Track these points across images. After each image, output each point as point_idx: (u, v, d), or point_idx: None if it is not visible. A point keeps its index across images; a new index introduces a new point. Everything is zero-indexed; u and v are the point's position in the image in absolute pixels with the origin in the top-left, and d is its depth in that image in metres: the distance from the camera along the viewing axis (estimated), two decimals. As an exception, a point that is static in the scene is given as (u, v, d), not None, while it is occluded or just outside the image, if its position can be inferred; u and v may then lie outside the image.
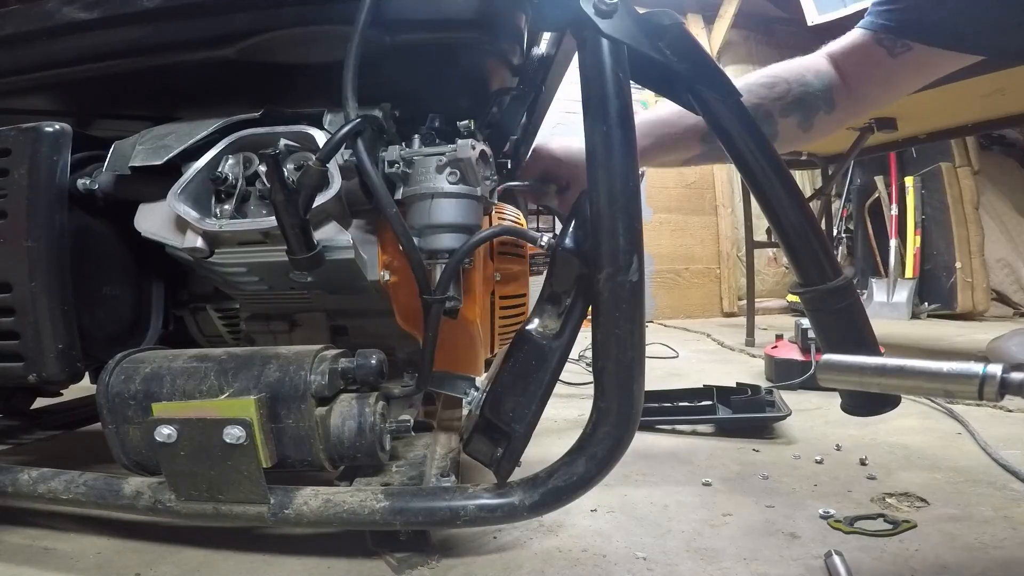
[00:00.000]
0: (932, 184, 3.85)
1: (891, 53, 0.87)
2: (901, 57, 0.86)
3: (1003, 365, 0.44)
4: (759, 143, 0.70)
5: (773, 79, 0.93)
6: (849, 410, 0.75)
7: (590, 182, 0.62)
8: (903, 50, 0.86)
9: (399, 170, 0.76)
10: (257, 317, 0.96)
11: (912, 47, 0.85)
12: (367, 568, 0.69)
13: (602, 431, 0.62)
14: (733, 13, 4.06)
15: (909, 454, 1.06)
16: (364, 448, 0.69)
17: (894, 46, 0.86)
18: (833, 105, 0.94)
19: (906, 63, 0.86)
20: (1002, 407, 1.32)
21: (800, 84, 0.93)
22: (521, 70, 0.83)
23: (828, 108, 0.94)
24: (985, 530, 0.76)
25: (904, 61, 0.86)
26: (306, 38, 0.72)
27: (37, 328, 0.72)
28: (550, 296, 0.69)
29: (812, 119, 0.94)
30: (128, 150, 0.77)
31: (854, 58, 0.91)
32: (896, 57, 0.86)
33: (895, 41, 0.86)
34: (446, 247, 0.74)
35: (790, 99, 0.93)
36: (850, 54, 0.91)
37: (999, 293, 3.84)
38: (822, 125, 0.95)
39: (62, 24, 0.72)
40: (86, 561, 0.72)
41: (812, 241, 0.71)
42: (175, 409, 0.64)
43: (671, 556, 0.71)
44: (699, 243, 4.24)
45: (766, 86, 0.93)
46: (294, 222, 0.67)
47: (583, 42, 0.62)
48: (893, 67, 0.88)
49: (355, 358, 0.71)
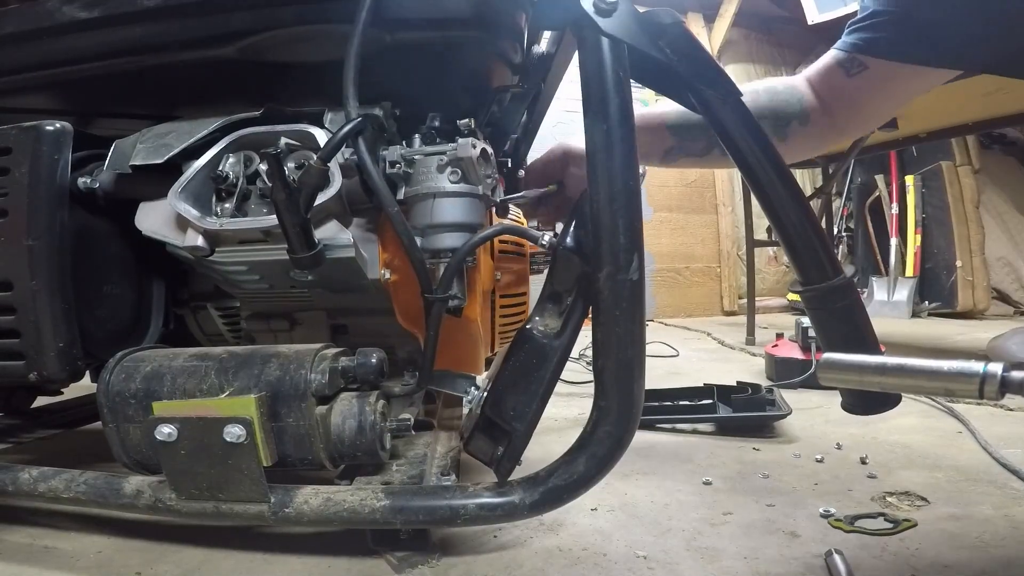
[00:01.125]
0: (933, 183, 3.85)
1: (848, 73, 0.89)
2: (857, 77, 0.88)
3: (1003, 364, 0.44)
4: (760, 142, 0.70)
5: (749, 90, 0.94)
6: (849, 409, 0.75)
7: (590, 181, 0.62)
8: (859, 70, 0.88)
9: (400, 170, 0.76)
10: (258, 316, 0.96)
11: (867, 66, 0.87)
12: (368, 567, 0.69)
13: (602, 430, 0.62)
14: (733, 12, 4.06)
15: (910, 453, 1.06)
16: (364, 447, 0.69)
17: (851, 66, 0.88)
18: (807, 119, 0.95)
19: (862, 83, 0.88)
20: (1003, 406, 1.32)
21: (768, 92, 0.95)
22: (521, 69, 0.83)
23: (801, 120, 0.95)
24: (986, 529, 0.76)
25: (860, 81, 0.88)
26: (306, 37, 0.71)
27: (38, 327, 0.72)
28: (551, 295, 0.69)
29: (785, 128, 0.96)
30: (129, 149, 0.78)
31: (822, 79, 0.94)
32: (852, 77, 0.89)
33: (852, 61, 0.88)
34: (448, 246, 0.74)
35: (759, 106, 0.94)
36: (819, 76, 0.94)
37: (1000, 292, 3.83)
38: (798, 137, 0.96)
39: (62, 23, 0.72)
40: (87, 560, 0.72)
41: (812, 240, 0.71)
42: (175, 408, 0.64)
43: (671, 555, 0.71)
44: (699, 242, 4.23)
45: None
46: (295, 221, 0.67)
47: (583, 41, 0.62)
48: (851, 88, 0.90)
49: (355, 357, 0.71)
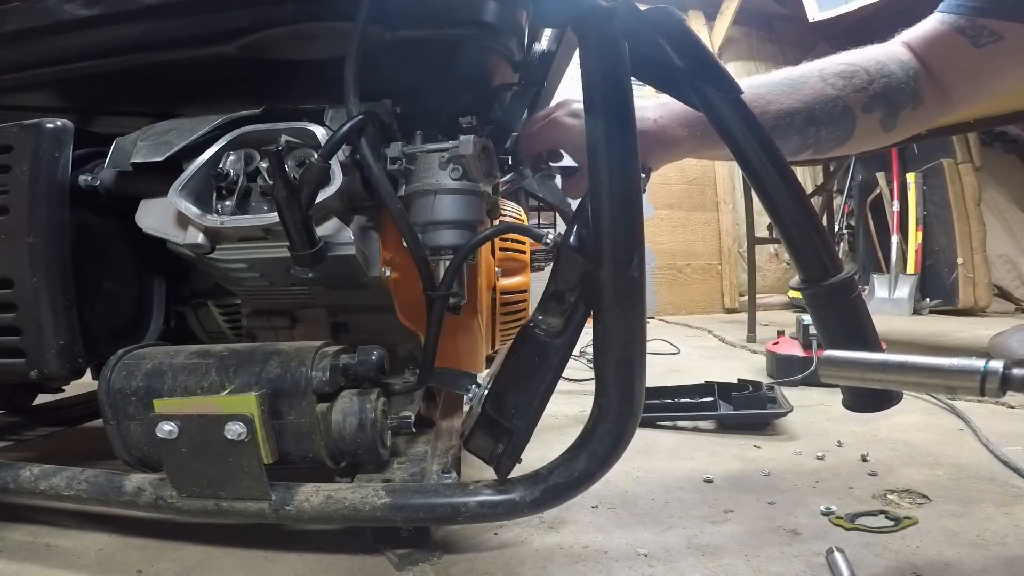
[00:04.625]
0: (934, 180, 3.86)
1: (975, 43, 0.75)
2: (987, 48, 0.74)
3: (1005, 361, 0.44)
4: (761, 139, 0.70)
5: (851, 67, 0.80)
6: (850, 406, 0.75)
7: (591, 179, 0.62)
8: (990, 40, 0.74)
9: (401, 166, 0.76)
10: (258, 313, 0.96)
11: (1002, 37, 0.73)
12: (369, 564, 0.69)
13: (603, 427, 0.62)
14: (734, 10, 4.06)
15: (911, 450, 1.06)
16: (365, 444, 0.69)
17: (979, 35, 0.74)
18: (920, 100, 0.81)
19: (995, 55, 0.74)
20: (1004, 403, 1.32)
21: (883, 75, 0.79)
22: (522, 66, 0.83)
23: (914, 104, 0.81)
24: (987, 527, 0.76)
25: (992, 53, 0.74)
26: (307, 34, 0.71)
27: (39, 324, 0.72)
28: (554, 294, 0.69)
29: (896, 116, 0.82)
30: (129, 146, 0.77)
31: (935, 49, 0.79)
32: (982, 48, 0.74)
33: (979, 30, 0.74)
34: (449, 243, 0.74)
35: (872, 92, 0.79)
36: (930, 44, 0.79)
37: (1001, 289, 3.84)
38: (906, 123, 0.83)
39: (63, 21, 0.71)
40: (87, 558, 0.72)
41: (813, 237, 0.71)
42: (176, 405, 0.64)
43: (672, 553, 0.71)
44: (700, 239, 4.24)
45: (843, 76, 0.79)
46: (296, 218, 0.67)
47: (584, 38, 0.62)
48: (980, 60, 0.76)
49: (356, 354, 0.71)
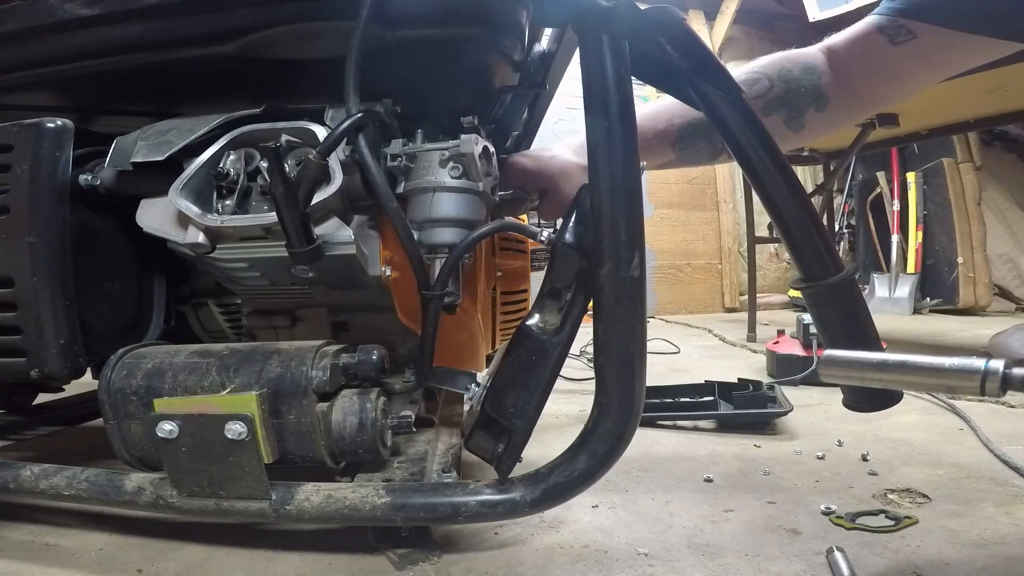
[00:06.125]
0: (934, 180, 3.85)
1: (892, 41, 0.80)
2: (902, 46, 0.80)
3: (1005, 360, 0.44)
4: (761, 138, 0.70)
5: (755, 75, 0.89)
6: (851, 406, 0.75)
7: (591, 177, 0.62)
8: (906, 38, 0.79)
9: (401, 164, 0.76)
10: (259, 312, 0.96)
11: (916, 35, 0.78)
12: (369, 564, 0.69)
13: (603, 427, 0.62)
14: (735, 9, 4.06)
15: (911, 450, 1.06)
16: (365, 444, 0.69)
17: (896, 34, 0.79)
18: (825, 102, 0.88)
19: (908, 53, 0.80)
20: (1004, 403, 1.32)
21: (783, 80, 0.88)
22: (523, 66, 0.83)
23: (819, 105, 0.89)
24: (987, 526, 0.76)
25: (906, 51, 0.80)
26: (308, 34, 0.71)
27: (39, 324, 0.72)
28: (550, 291, 0.69)
29: (801, 117, 0.90)
30: (130, 146, 0.77)
31: (853, 49, 0.85)
32: (897, 46, 0.80)
33: (898, 29, 0.79)
34: (446, 242, 0.74)
35: (771, 96, 0.88)
36: (850, 45, 0.86)
37: (1001, 288, 3.83)
38: (815, 124, 0.90)
39: (64, 20, 0.71)
40: (88, 557, 0.72)
41: (814, 236, 0.71)
42: (177, 405, 0.64)
43: (672, 552, 0.71)
44: (700, 238, 4.23)
45: (746, 83, 0.88)
46: (294, 215, 0.67)
47: (584, 38, 0.62)
48: (894, 57, 0.81)
49: (356, 354, 0.71)
